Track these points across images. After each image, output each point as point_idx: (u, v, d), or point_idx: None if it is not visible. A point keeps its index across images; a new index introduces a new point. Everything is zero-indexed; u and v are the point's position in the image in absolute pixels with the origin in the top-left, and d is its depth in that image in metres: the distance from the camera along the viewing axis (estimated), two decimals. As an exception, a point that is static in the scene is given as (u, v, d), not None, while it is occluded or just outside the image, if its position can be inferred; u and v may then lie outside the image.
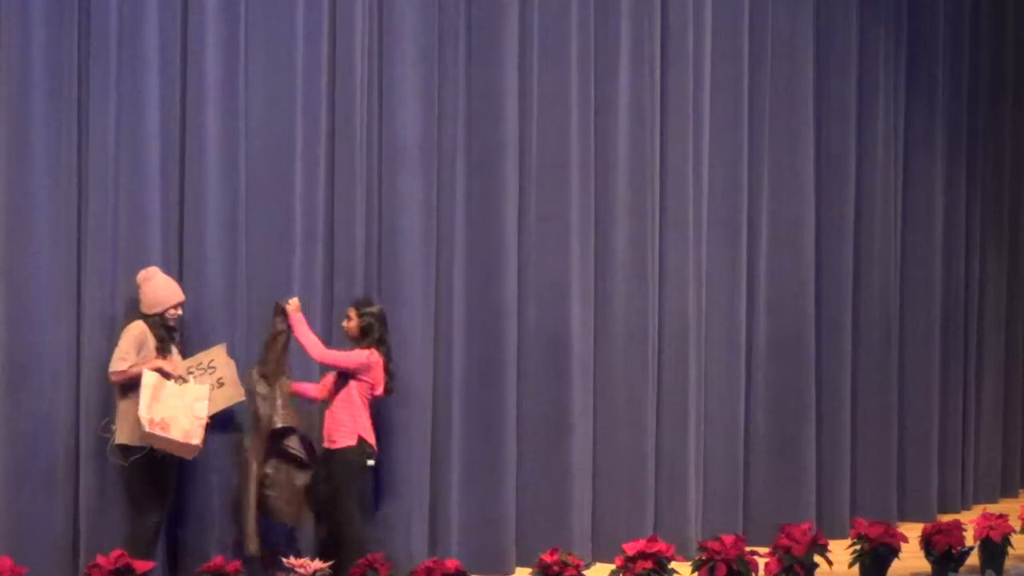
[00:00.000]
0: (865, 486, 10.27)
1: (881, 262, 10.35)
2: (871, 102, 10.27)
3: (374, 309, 8.21)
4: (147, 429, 7.48)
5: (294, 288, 8.33)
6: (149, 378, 7.55)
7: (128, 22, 8.06)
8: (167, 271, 8.11)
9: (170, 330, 7.79)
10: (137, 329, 7.70)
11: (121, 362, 7.61)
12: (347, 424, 8.07)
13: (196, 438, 7.58)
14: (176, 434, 7.52)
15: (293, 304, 8.06)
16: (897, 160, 10.49)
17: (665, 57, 9.40)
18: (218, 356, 7.88)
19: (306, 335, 8.04)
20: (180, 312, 7.82)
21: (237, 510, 7.99)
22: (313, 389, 8.25)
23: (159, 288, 7.77)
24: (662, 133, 9.39)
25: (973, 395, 11.14)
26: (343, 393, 8.09)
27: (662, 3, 9.38)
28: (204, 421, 7.61)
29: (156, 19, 8.11)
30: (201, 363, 7.82)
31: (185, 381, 7.69)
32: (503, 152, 8.91)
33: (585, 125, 9.13)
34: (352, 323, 8.18)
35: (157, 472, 7.69)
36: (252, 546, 7.88)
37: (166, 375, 7.64)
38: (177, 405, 7.56)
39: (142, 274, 7.83)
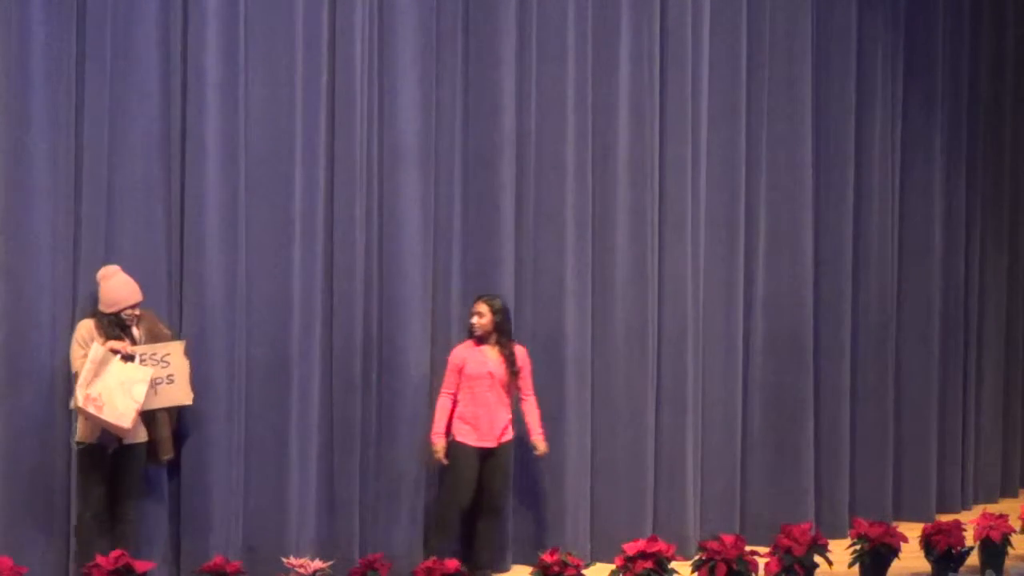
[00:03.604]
0: (864, 486, 10.26)
1: (880, 262, 10.35)
2: (870, 101, 10.27)
3: (500, 303, 8.48)
4: (80, 404, 7.46)
5: (294, 288, 8.34)
6: (96, 353, 7.50)
7: (127, 23, 8.06)
8: (167, 271, 8.13)
9: (125, 328, 7.70)
10: (83, 328, 7.68)
11: (75, 362, 7.61)
12: (511, 418, 8.44)
13: (127, 421, 7.49)
14: (108, 415, 7.46)
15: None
16: (896, 160, 10.48)
17: (664, 57, 9.40)
18: (175, 352, 7.77)
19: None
20: (138, 312, 7.73)
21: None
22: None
23: (117, 288, 7.70)
24: (660, 132, 9.40)
25: (973, 395, 11.13)
26: (510, 390, 8.50)
27: (661, 3, 9.38)
28: (139, 405, 7.52)
29: (156, 19, 8.11)
30: (156, 353, 7.69)
31: (131, 360, 7.58)
32: (501, 151, 8.91)
33: (583, 124, 9.14)
34: (486, 319, 8.37)
35: (94, 465, 7.67)
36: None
37: (115, 351, 7.57)
38: (116, 384, 7.49)
39: (102, 272, 7.78)
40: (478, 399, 8.39)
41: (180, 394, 7.79)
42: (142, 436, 7.76)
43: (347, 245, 8.53)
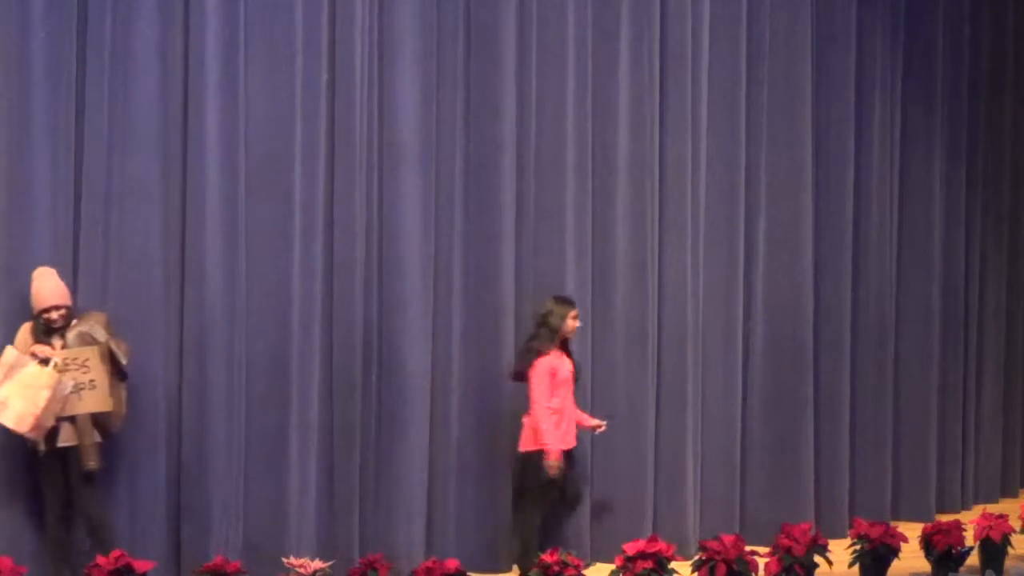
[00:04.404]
0: (864, 486, 10.26)
1: (879, 262, 10.35)
2: (869, 102, 10.26)
3: None
4: None
5: (294, 287, 8.34)
6: (7, 356, 7.52)
7: (127, 22, 8.07)
8: (167, 271, 8.14)
9: (53, 332, 7.66)
10: (19, 331, 7.69)
11: None
12: None
13: (25, 425, 7.47)
14: (6, 419, 7.46)
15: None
16: (895, 160, 10.48)
17: (664, 57, 9.40)
18: (93, 357, 7.67)
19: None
20: (55, 316, 7.63)
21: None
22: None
23: (40, 289, 7.68)
24: (660, 134, 9.39)
25: (973, 395, 11.12)
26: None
27: (661, 4, 9.38)
28: (39, 410, 7.46)
29: (156, 18, 8.12)
30: (77, 358, 7.63)
31: (44, 365, 7.55)
32: (501, 152, 8.91)
33: (583, 125, 9.14)
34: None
35: (40, 468, 7.68)
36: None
37: (34, 355, 7.56)
38: (24, 388, 7.46)
39: (35, 272, 7.76)
40: (565, 403, 8.46)
41: (100, 400, 7.69)
42: (74, 440, 7.68)
43: (347, 245, 8.53)
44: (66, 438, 7.65)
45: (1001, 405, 11.39)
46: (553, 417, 8.34)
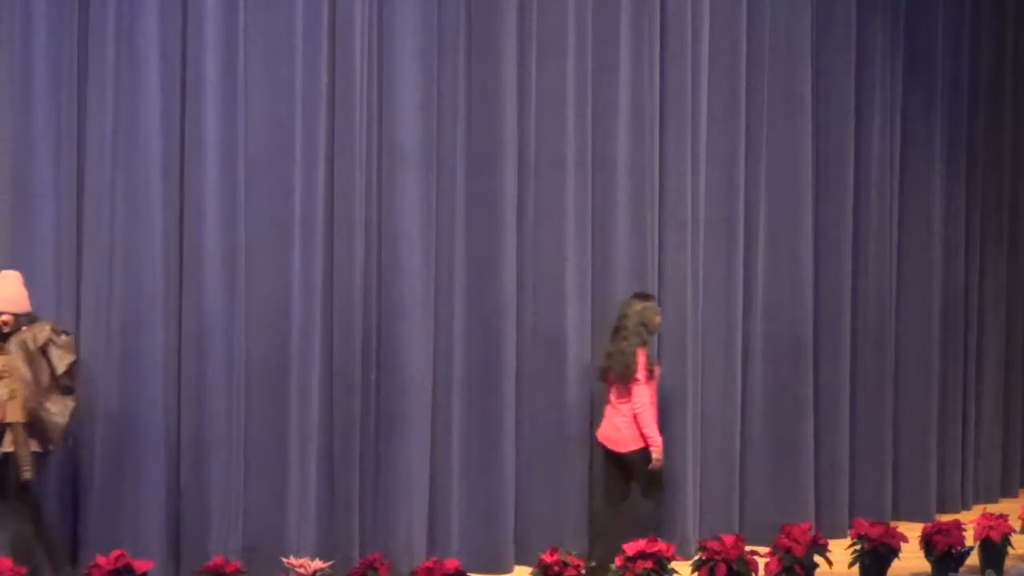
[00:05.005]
0: (864, 486, 10.26)
1: (879, 262, 10.35)
2: (869, 101, 10.27)
3: None
4: None
5: (294, 288, 8.34)
6: None
7: (127, 22, 8.08)
8: (166, 271, 8.13)
9: (5, 337, 7.62)
10: None
11: None
12: None
13: None
14: None
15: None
16: (895, 159, 10.48)
17: (664, 56, 9.40)
18: (20, 366, 7.58)
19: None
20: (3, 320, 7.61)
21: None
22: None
23: None
24: (660, 132, 9.40)
25: (973, 395, 11.13)
26: None
27: (661, 3, 9.38)
28: None
29: (156, 19, 8.12)
30: (8, 366, 7.57)
31: None
32: (502, 151, 8.91)
33: (583, 124, 9.13)
34: None
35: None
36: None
37: None
38: None
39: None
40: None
41: (14, 411, 7.59)
42: (11, 447, 7.62)
43: (347, 245, 8.53)
44: (7, 444, 7.61)
45: (1001, 405, 11.40)
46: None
